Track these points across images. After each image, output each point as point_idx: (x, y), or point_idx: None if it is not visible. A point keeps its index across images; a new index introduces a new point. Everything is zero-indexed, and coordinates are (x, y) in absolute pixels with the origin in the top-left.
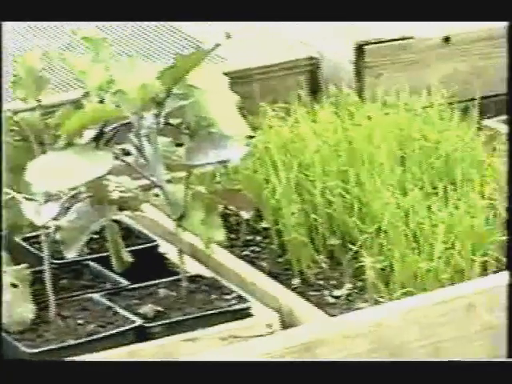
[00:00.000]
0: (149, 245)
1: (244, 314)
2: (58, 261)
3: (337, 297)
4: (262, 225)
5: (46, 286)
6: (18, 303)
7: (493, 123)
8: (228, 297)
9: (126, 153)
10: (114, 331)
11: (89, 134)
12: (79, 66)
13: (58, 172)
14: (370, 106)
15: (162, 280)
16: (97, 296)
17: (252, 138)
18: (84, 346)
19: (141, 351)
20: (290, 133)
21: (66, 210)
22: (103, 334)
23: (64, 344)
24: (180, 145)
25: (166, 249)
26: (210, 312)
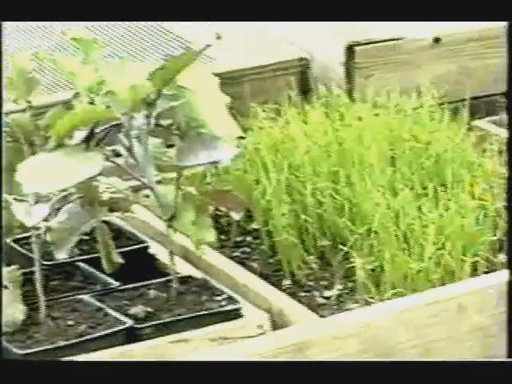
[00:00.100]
0: (139, 246)
1: (235, 314)
2: (48, 262)
3: (327, 297)
4: (253, 226)
5: (36, 287)
6: (9, 304)
7: (483, 124)
8: (218, 298)
9: (117, 154)
10: (104, 332)
11: (79, 135)
12: (69, 66)
13: (48, 173)
14: (361, 107)
15: (152, 281)
16: (87, 297)
17: (242, 138)
18: (74, 347)
19: (132, 352)
20: (280, 133)
21: (57, 211)
22: (94, 335)
23: (54, 345)
24: (170, 146)
25: (157, 250)
26: (201, 313)
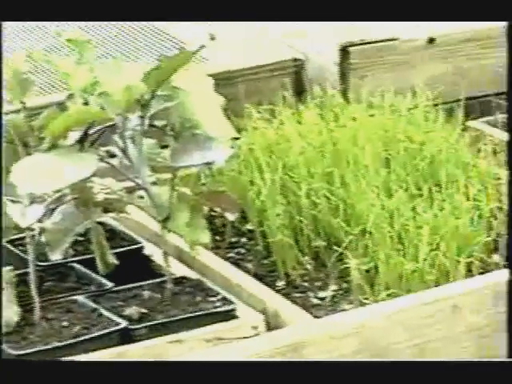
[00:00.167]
0: (134, 247)
1: (229, 315)
2: (42, 263)
3: (322, 298)
4: (247, 226)
5: (30, 288)
6: (3, 305)
7: (478, 124)
8: (213, 299)
9: (111, 155)
10: (98, 333)
11: (73, 135)
12: (63, 67)
13: (42, 174)
14: (355, 108)
15: (146, 282)
16: (82, 298)
17: (237, 139)
18: (69, 348)
19: (127, 353)
20: (274, 134)
21: (51, 212)
22: (88, 336)
23: (49, 346)
24: (165, 146)
25: (151, 251)
26: (195, 314)
